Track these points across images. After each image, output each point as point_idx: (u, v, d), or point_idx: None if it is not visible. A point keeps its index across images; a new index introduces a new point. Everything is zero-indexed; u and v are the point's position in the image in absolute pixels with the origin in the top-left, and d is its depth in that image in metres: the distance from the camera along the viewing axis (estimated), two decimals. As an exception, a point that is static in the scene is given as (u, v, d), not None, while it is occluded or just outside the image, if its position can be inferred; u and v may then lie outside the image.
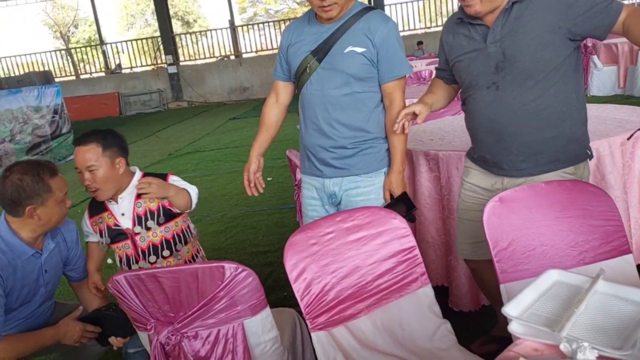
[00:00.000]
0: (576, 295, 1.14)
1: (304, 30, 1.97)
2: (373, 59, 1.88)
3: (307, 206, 2.14)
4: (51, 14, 29.52)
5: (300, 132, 2.07)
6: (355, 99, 1.91)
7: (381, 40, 1.87)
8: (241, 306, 1.45)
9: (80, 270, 2.12)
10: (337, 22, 1.89)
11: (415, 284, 1.66)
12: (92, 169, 1.94)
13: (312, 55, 1.91)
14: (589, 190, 1.62)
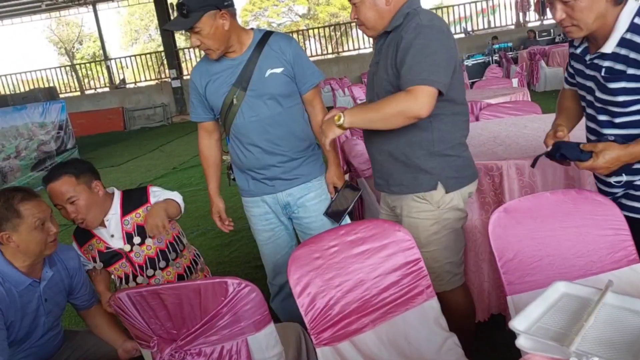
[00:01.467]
0: (585, 307, 1.12)
1: (215, 67, 2.05)
2: (291, 75, 2.04)
3: (260, 223, 2.23)
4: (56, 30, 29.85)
5: (239, 161, 2.14)
6: (287, 114, 2.05)
7: (292, 57, 2.02)
8: (245, 322, 1.43)
9: (85, 298, 2.07)
10: (246, 52, 2.01)
11: (420, 297, 1.64)
12: (72, 200, 1.95)
13: (235, 86, 2.01)
14: (594, 200, 1.61)
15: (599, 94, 1.54)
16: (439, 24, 1.67)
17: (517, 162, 2.11)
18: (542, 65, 10.91)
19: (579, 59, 1.63)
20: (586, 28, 1.46)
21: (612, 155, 1.45)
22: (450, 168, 1.78)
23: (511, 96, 4.48)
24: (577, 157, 1.49)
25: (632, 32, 1.42)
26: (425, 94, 1.57)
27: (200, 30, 1.90)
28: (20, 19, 20.68)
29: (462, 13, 16.75)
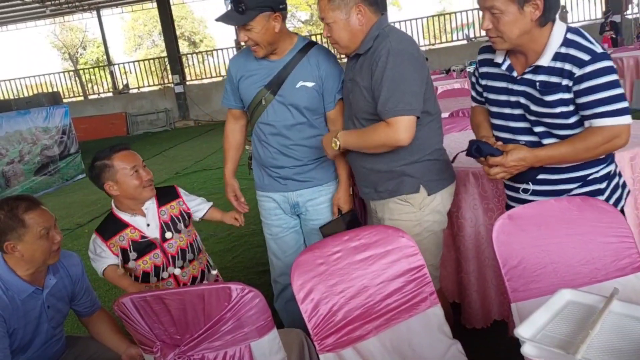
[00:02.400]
0: (590, 315, 1.12)
1: (253, 64, 2.10)
2: (320, 91, 2.06)
3: (270, 217, 2.28)
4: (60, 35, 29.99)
5: (258, 155, 2.22)
6: (308, 124, 2.09)
7: (326, 73, 2.05)
8: (248, 328, 1.43)
9: (87, 305, 2.07)
10: (285, 57, 2.05)
11: (424, 304, 1.63)
12: (144, 164, 2.09)
13: (266, 88, 2.06)
14: (599, 207, 1.61)
15: (534, 107, 1.61)
16: (408, 47, 1.74)
17: (521, 168, 2.10)
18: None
19: (500, 76, 1.70)
20: (509, 41, 1.55)
21: (520, 155, 1.57)
22: (430, 172, 1.88)
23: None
24: (490, 152, 1.59)
25: (566, 47, 1.53)
26: (405, 124, 1.70)
27: (252, 29, 1.93)
28: (24, 24, 20.78)
29: (465, 20, 16.78)
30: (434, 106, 1.86)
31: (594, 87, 1.49)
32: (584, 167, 1.64)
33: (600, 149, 1.55)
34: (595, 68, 1.49)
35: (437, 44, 16.69)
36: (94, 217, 6.13)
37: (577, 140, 1.56)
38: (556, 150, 1.58)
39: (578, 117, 1.57)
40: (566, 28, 1.56)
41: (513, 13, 1.49)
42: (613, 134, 1.51)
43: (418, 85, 1.72)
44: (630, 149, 2.20)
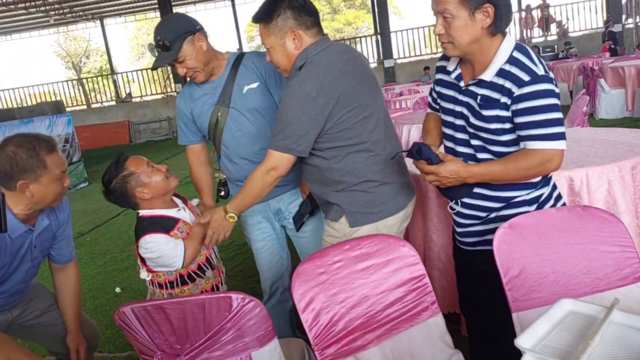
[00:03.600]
0: (591, 326, 1.11)
1: (197, 92, 2.16)
2: (267, 88, 2.09)
3: (255, 232, 2.29)
4: (63, 45, 30.18)
5: (230, 174, 2.22)
6: (269, 126, 2.07)
7: (266, 70, 2.08)
8: (248, 337, 1.43)
9: (63, 253, 2.06)
10: (223, 73, 2.10)
11: (425, 313, 1.63)
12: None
13: (218, 105, 2.10)
14: (600, 216, 1.60)
15: (473, 120, 1.62)
16: (308, 86, 1.67)
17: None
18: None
19: (450, 85, 1.71)
20: (459, 48, 1.55)
21: (453, 167, 1.57)
22: (355, 204, 1.82)
23: (515, 111, 4.47)
24: (428, 156, 1.59)
25: (510, 64, 1.53)
26: (281, 161, 1.73)
27: (184, 59, 2.00)
28: (28, 33, 20.95)
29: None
30: (361, 136, 1.76)
31: (531, 109, 1.50)
32: (510, 188, 1.65)
33: (532, 171, 1.55)
34: (533, 89, 1.49)
35: (439, 52, 16.74)
36: (96, 225, 6.14)
37: (510, 160, 1.56)
38: (489, 168, 1.58)
39: (513, 136, 1.58)
40: (514, 45, 1.56)
41: (464, 18, 1.49)
42: (545, 157, 1.52)
43: (303, 129, 1.69)
44: (631, 157, 2.21)
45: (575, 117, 4.15)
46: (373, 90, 1.83)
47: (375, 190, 1.82)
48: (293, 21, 1.72)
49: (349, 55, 1.80)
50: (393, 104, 7.96)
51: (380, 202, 1.83)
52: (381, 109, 1.85)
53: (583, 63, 9.09)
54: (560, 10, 16.27)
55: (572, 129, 3.37)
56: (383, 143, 1.82)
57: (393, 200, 1.85)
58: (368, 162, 1.80)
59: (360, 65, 1.82)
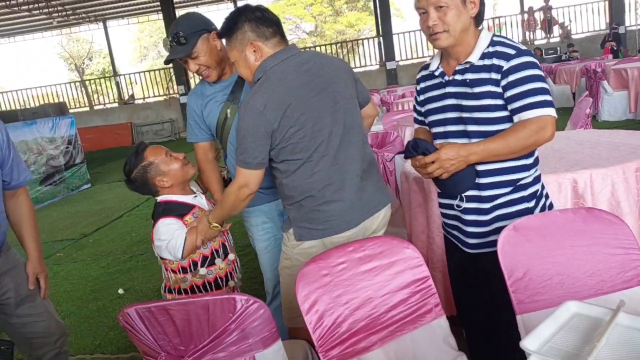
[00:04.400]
0: (596, 328, 1.11)
1: (208, 91, 2.17)
2: None
3: (259, 231, 2.28)
4: (66, 47, 30.23)
5: (233, 169, 2.15)
6: None
7: None
8: (252, 339, 1.42)
9: (13, 178, 2.00)
10: (235, 72, 2.07)
11: (429, 315, 1.62)
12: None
13: (227, 102, 2.12)
14: (605, 218, 1.60)
15: (466, 102, 1.68)
16: (257, 100, 1.70)
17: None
18: (549, 83, 10.92)
19: (436, 85, 1.77)
20: (454, 35, 1.64)
21: (453, 149, 1.61)
22: (300, 218, 1.84)
23: (518, 114, 4.46)
24: (425, 147, 1.63)
25: (492, 46, 1.65)
26: (248, 176, 1.77)
27: (198, 55, 2.03)
28: (31, 35, 21.00)
29: (469, 31, 16.82)
30: (305, 151, 1.75)
31: (521, 80, 1.58)
32: (513, 170, 1.69)
33: (529, 140, 1.59)
34: (520, 61, 1.59)
35: (441, 55, 16.71)
36: (99, 227, 6.15)
37: (507, 133, 1.61)
38: (488, 143, 1.62)
39: (506, 113, 1.63)
40: (492, 34, 1.69)
41: (458, 7, 1.61)
42: (541, 124, 1.57)
43: (255, 142, 1.72)
44: (634, 159, 2.21)
45: (579, 119, 4.14)
46: (335, 102, 1.79)
47: (319, 208, 1.81)
48: (251, 34, 1.76)
49: (311, 65, 1.78)
50: (395, 106, 7.96)
51: (325, 220, 1.81)
52: (340, 123, 1.79)
53: (586, 65, 9.08)
54: (562, 12, 16.26)
55: (575, 131, 3.36)
56: (334, 158, 1.79)
57: (340, 218, 1.82)
58: (313, 178, 1.78)
59: (324, 76, 1.79)
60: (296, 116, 1.71)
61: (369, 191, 1.88)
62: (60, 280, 4.38)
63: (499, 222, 1.71)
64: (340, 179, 1.80)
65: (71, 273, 4.55)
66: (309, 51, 1.91)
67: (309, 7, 28.89)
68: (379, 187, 1.95)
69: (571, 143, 2.71)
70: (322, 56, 1.89)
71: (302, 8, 28.77)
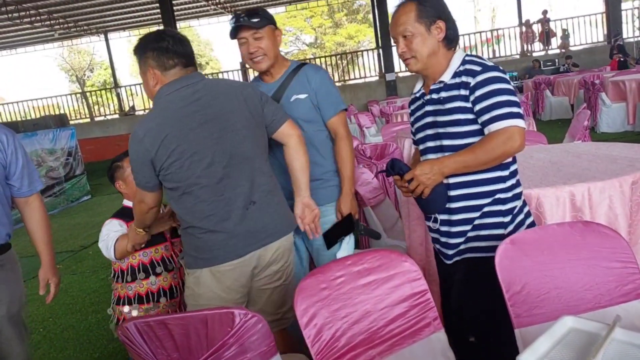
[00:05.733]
0: (593, 343, 1.11)
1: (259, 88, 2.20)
2: (314, 102, 2.20)
3: None
4: (68, 58, 30.40)
5: None
6: (307, 137, 2.13)
7: (317, 85, 2.20)
8: (251, 353, 1.42)
9: (23, 185, 2.10)
10: (279, 79, 2.23)
11: (428, 329, 1.62)
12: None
13: None
14: (602, 232, 1.61)
15: (440, 117, 1.76)
16: (139, 129, 1.78)
17: (524, 192, 2.11)
18: (547, 95, 10.97)
19: (419, 105, 1.88)
20: (421, 60, 1.75)
21: (427, 164, 1.68)
22: (189, 245, 1.88)
23: (517, 126, 4.48)
24: (400, 167, 1.72)
25: (463, 64, 1.74)
26: (142, 194, 1.87)
27: (262, 37, 2.12)
28: (33, 47, 21.13)
29: (467, 42, 16.95)
30: (183, 180, 1.77)
31: (486, 94, 1.65)
32: (488, 182, 1.73)
33: (498, 150, 1.63)
34: (486, 76, 1.66)
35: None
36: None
37: (476, 144, 1.68)
38: (459, 156, 1.68)
39: (477, 127, 1.70)
40: (465, 54, 1.77)
41: (422, 34, 1.72)
42: (507, 136, 1.62)
43: (137, 166, 1.81)
44: (631, 172, 2.22)
45: (577, 131, 4.16)
46: (221, 134, 1.79)
47: (203, 237, 1.82)
48: (152, 61, 1.82)
49: (202, 95, 1.80)
50: (394, 117, 8.00)
51: (208, 249, 1.82)
52: (225, 154, 1.79)
53: (584, 77, 9.13)
54: (560, 25, 16.37)
55: (573, 144, 3.38)
56: (215, 189, 1.79)
57: (224, 248, 1.81)
58: (195, 208, 1.80)
59: (214, 107, 1.81)
60: (173, 147, 1.74)
61: (260, 222, 1.86)
62: (60, 293, 4.34)
63: (476, 230, 1.77)
64: (225, 210, 1.80)
65: (71, 285, 4.54)
66: (209, 80, 1.89)
67: (309, 19, 29.10)
68: (275, 218, 1.91)
69: (569, 156, 2.73)
70: (220, 86, 1.90)
71: (302, 20, 28.98)
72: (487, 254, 1.70)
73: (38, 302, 4.18)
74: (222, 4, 18.06)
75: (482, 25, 29.79)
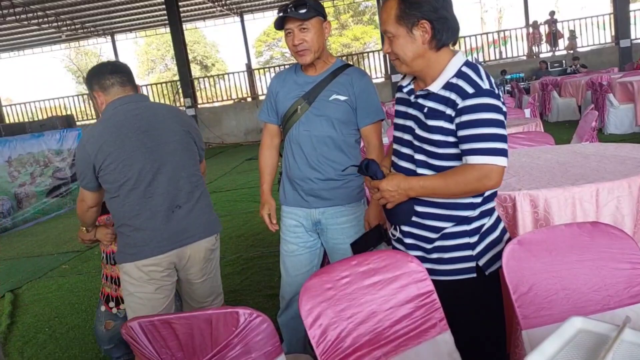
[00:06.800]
0: (602, 344, 1.10)
1: (292, 79, 2.25)
2: (353, 106, 2.17)
3: (289, 234, 2.34)
4: (75, 60, 30.56)
5: (287, 167, 2.30)
6: (338, 138, 2.17)
7: (360, 90, 2.16)
8: (255, 353, 1.42)
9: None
10: (322, 74, 2.19)
11: (434, 330, 1.61)
12: None
13: (302, 99, 2.18)
14: (610, 233, 1.59)
15: (419, 131, 1.62)
16: (85, 135, 2.07)
17: (531, 193, 2.10)
18: (555, 96, 10.92)
19: (403, 100, 1.73)
20: (405, 64, 1.61)
21: (394, 181, 1.60)
22: (120, 242, 2.14)
23: (524, 127, 4.48)
24: (374, 172, 1.64)
25: (457, 77, 1.55)
26: (83, 193, 2.14)
27: (308, 29, 2.09)
28: (40, 48, 21.26)
29: (474, 44, 16.91)
30: (116, 183, 2.03)
31: (472, 122, 1.50)
32: (455, 207, 1.62)
33: (469, 186, 1.52)
34: (476, 102, 1.50)
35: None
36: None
37: (449, 174, 1.55)
38: (428, 181, 1.58)
39: (455, 151, 1.56)
40: (464, 61, 1.58)
41: (403, 36, 1.56)
42: (483, 173, 1.49)
43: (79, 166, 2.08)
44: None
45: (584, 132, 4.13)
46: (155, 144, 2.06)
47: (131, 234, 2.07)
48: (95, 85, 2.12)
49: (142, 111, 2.08)
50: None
51: (134, 245, 2.07)
52: (156, 162, 2.05)
53: (592, 78, 9.08)
54: (568, 26, 16.30)
55: (581, 145, 3.36)
56: (145, 192, 2.04)
57: (148, 245, 2.06)
58: (124, 207, 2.05)
59: (151, 121, 2.08)
60: (109, 150, 2.00)
61: (184, 223, 2.11)
62: (66, 293, 4.38)
63: (437, 253, 1.68)
64: (152, 211, 2.06)
65: (76, 285, 4.55)
66: (151, 103, 2.21)
67: (314, 21, 29.06)
68: (198, 222, 2.16)
69: (577, 157, 2.71)
70: (160, 107, 2.20)
71: (308, 21, 28.94)
72: (454, 277, 1.66)
73: (44, 302, 4.20)
74: (228, 5, 18.11)
75: (489, 27, 29.72)
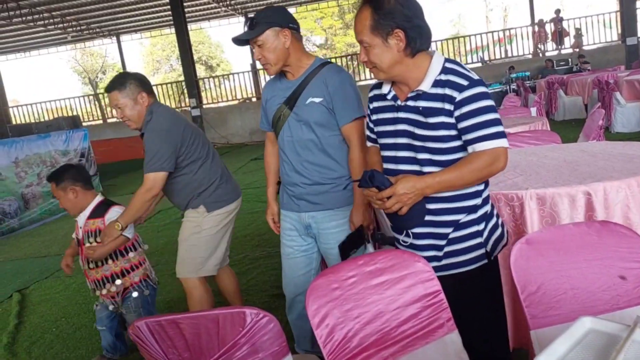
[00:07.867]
0: (612, 345, 1.08)
1: (277, 86, 2.27)
2: (329, 107, 2.13)
3: (285, 237, 2.39)
4: (80, 60, 30.69)
5: (281, 172, 2.35)
6: (319, 142, 2.17)
7: (334, 89, 2.12)
8: (262, 353, 1.41)
9: None
10: (301, 77, 2.17)
11: (441, 330, 1.60)
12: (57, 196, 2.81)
13: (284, 105, 2.20)
14: (619, 232, 1.58)
15: (419, 131, 1.64)
16: (161, 121, 2.50)
17: (538, 192, 2.09)
18: (561, 94, 10.86)
19: (387, 108, 1.74)
20: (383, 71, 1.64)
21: (409, 182, 1.58)
22: (210, 196, 2.67)
23: (530, 125, 4.46)
24: (381, 181, 1.59)
25: (445, 74, 1.61)
26: (155, 179, 2.48)
27: (262, 44, 2.08)
28: (46, 49, 21.36)
29: (479, 42, 16.86)
30: (201, 153, 2.63)
31: (474, 111, 1.57)
32: (465, 197, 1.66)
33: (483, 172, 1.59)
34: (473, 93, 1.57)
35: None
36: (111, 239, 6.16)
37: (462, 164, 1.59)
38: (444, 175, 1.60)
39: (459, 143, 1.62)
40: (444, 59, 1.65)
41: (379, 45, 1.59)
42: (493, 157, 1.56)
43: (167, 150, 2.47)
44: (649, 172, 2.17)
45: (591, 130, 4.10)
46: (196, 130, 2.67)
47: (216, 190, 2.69)
48: (148, 88, 2.59)
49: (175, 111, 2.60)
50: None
51: (224, 194, 2.71)
52: (206, 143, 2.70)
53: (598, 76, 9.03)
54: (573, 24, 16.22)
55: (588, 143, 3.34)
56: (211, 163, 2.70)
57: (228, 193, 2.73)
58: (214, 169, 2.69)
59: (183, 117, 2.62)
60: (188, 133, 2.54)
61: (234, 183, 2.81)
62: (73, 293, 4.40)
63: (452, 245, 1.69)
64: (221, 172, 2.71)
65: (83, 285, 4.55)
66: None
67: (319, 21, 29.10)
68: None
69: (584, 155, 2.69)
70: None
71: (313, 21, 28.98)
72: (469, 267, 1.68)
73: (51, 302, 4.22)
74: (233, 5, 18.13)
75: (494, 25, 29.62)
